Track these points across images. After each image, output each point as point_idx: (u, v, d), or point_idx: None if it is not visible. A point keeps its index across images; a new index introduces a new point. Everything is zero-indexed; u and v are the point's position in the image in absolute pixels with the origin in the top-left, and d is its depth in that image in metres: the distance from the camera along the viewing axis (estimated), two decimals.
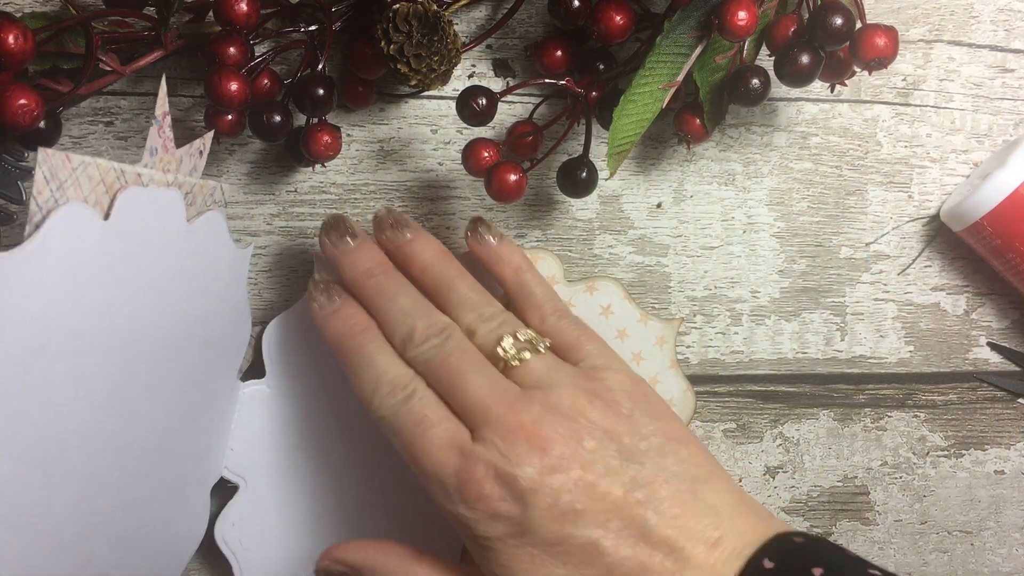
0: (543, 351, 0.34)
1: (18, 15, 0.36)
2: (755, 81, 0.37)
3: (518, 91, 0.42)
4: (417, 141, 0.43)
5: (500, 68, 0.43)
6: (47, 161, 0.28)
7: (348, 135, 0.43)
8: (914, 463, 0.45)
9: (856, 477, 0.45)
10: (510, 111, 0.43)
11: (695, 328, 0.44)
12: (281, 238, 0.43)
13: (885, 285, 0.44)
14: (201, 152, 0.37)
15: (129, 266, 0.32)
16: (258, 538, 0.41)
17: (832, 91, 0.41)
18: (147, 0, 0.38)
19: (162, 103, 0.34)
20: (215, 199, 0.38)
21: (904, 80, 0.43)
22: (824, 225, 0.44)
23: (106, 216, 0.31)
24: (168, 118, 0.34)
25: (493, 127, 0.43)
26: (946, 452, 0.45)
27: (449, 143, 0.43)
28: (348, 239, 0.37)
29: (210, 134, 0.37)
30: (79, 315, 0.30)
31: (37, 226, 0.28)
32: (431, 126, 0.43)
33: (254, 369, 0.43)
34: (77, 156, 0.29)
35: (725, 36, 0.36)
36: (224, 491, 0.42)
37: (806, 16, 0.37)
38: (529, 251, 0.41)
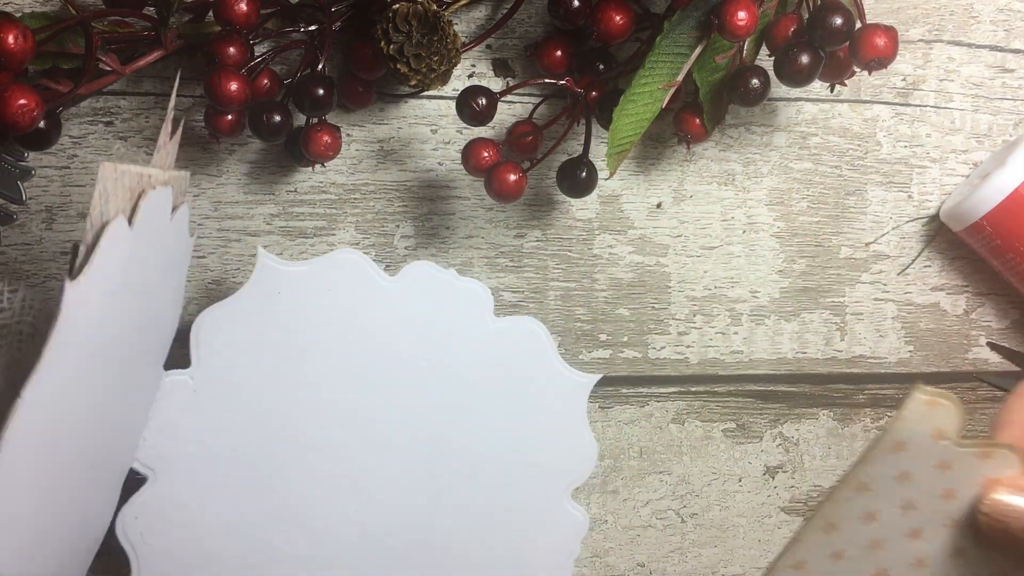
0: None
1: (18, 15, 0.36)
2: (755, 81, 0.37)
3: (518, 91, 0.42)
4: (417, 141, 0.43)
5: (500, 68, 0.43)
6: (106, 177, 0.28)
7: (348, 135, 0.43)
8: None
9: None
10: (510, 111, 0.43)
11: (695, 328, 0.44)
12: (281, 238, 0.43)
13: (885, 285, 0.44)
14: (176, 141, 0.36)
15: (138, 271, 0.32)
16: (161, 533, 0.40)
17: (832, 91, 0.41)
18: (147, 0, 0.38)
19: (173, 101, 0.33)
20: (183, 190, 0.38)
21: (904, 80, 0.43)
22: (824, 225, 0.44)
23: (130, 222, 0.30)
24: (173, 113, 0.34)
25: (493, 127, 0.43)
26: None
27: (449, 143, 0.43)
28: None
29: (182, 121, 0.37)
30: (102, 328, 0.30)
31: (91, 247, 0.28)
32: (431, 126, 0.43)
33: (177, 358, 0.41)
34: (121, 165, 0.29)
35: (725, 36, 0.36)
36: (131, 482, 0.40)
37: (806, 16, 0.37)
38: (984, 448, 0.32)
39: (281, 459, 0.41)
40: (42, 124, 0.36)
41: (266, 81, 0.40)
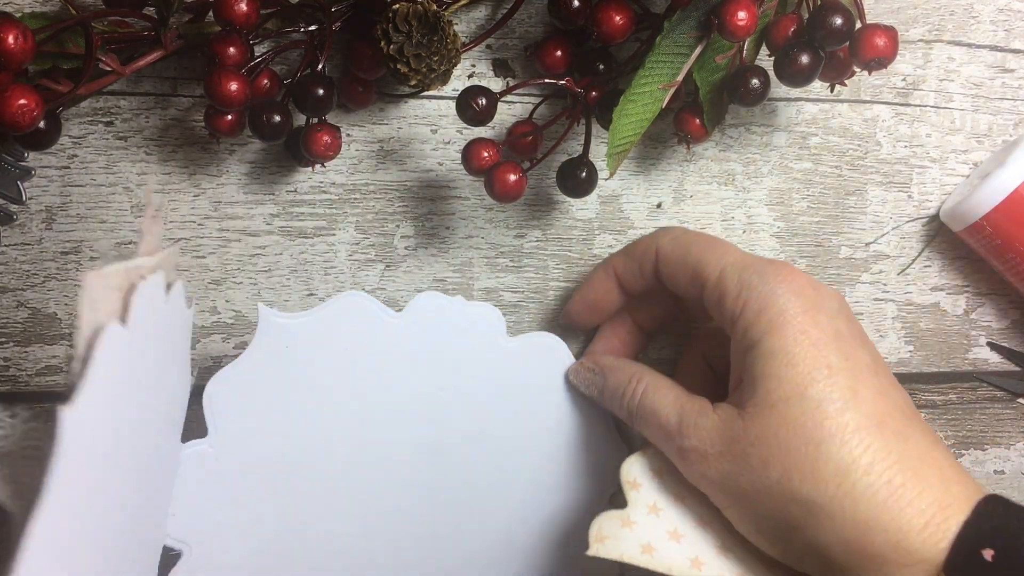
0: None
1: (18, 15, 0.36)
2: (755, 81, 0.37)
3: (518, 91, 0.42)
4: (417, 141, 0.43)
5: (500, 68, 0.43)
6: (92, 286, 0.27)
7: (348, 135, 0.43)
8: None
9: None
10: (510, 111, 0.43)
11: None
12: (281, 238, 0.43)
13: (885, 285, 0.44)
14: (162, 219, 0.35)
15: (139, 364, 0.31)
16: None
17: (832, 91, 0.41)
18: (147, 0, 0.38)
19: (151, 203, 0.32)
20: (175, 264, 0.37)
21: (904, 80, 0.43)
22: (824, 225, 0.44)
23: (123, 321, 0.29)
24: (165, 203, 0.32)
25: (493, 127, 0.43)
26: None
27: (449, 143, 0.43)
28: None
29: (165, 201, 0.36)
30: (111, 433, 0.29)
31: (84, 360, 0.26)
32: (431, 126, 0.43)
33: (193, 427, 0.41)
34: (107, 268, 0.28)
35: (725, 36, 0.36)
36: (166, 559, 0.39)
37: (806, 16, 0.37)
38: None
39: (311, 512, 0.41)
40: (42, 124, 0.36)
41: (266, 81, 0.40)
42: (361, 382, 0.40)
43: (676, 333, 0.44)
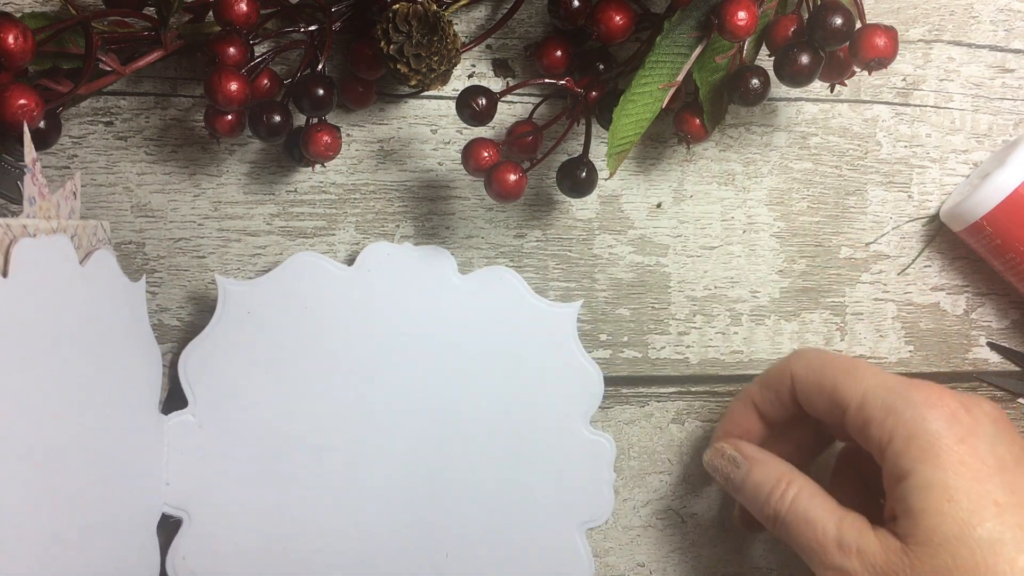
0: None
1: (18, 15, 0.36)
2: (755, 81, 0.37)
3: (518, 91, 0.42)
4: (417, 141, 0.43)
5: (500, 68, 0.43)
6: None
7: (348, 135, 0.43)
8: None
9: None
10: (510, 111, 0.43)
11: (695, 328, 0.44)
12: (281, 238, 0.43)
13: (885, 285, 0.44)
14: (75, 194, 0.36)
15: (35, 320, 0.32)
16: (211, 567, 0.41)
17: (832, 91, 0.41)
18: (147, 0, 0.38)
19: (29, 150, 0.33)
20: (99, 238, 0.38)
21: (904, 80, 0.43)
22: (824, 225, 0.44)
23: (4, 274, 0.30)
24: (38, 164, 0.33)
25: (493, 127, 0.43)
26: None
27: (449, 143, 0.43)
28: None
29: (79, 175, 0.37)
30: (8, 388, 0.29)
31: None
32: (431, 126, 0.43)
33: (174, 399, 0.42)
34: None
35: (725, 36, 0.36)
36: (168, 526, 0.41)
37: (806, 16, 0.37)
38: None
39: (298, 468, 0.42)
40: (42, 124, 0.36)
41: (266, 81, 0.40)
42: (325, 336, 0.42)
43: None
